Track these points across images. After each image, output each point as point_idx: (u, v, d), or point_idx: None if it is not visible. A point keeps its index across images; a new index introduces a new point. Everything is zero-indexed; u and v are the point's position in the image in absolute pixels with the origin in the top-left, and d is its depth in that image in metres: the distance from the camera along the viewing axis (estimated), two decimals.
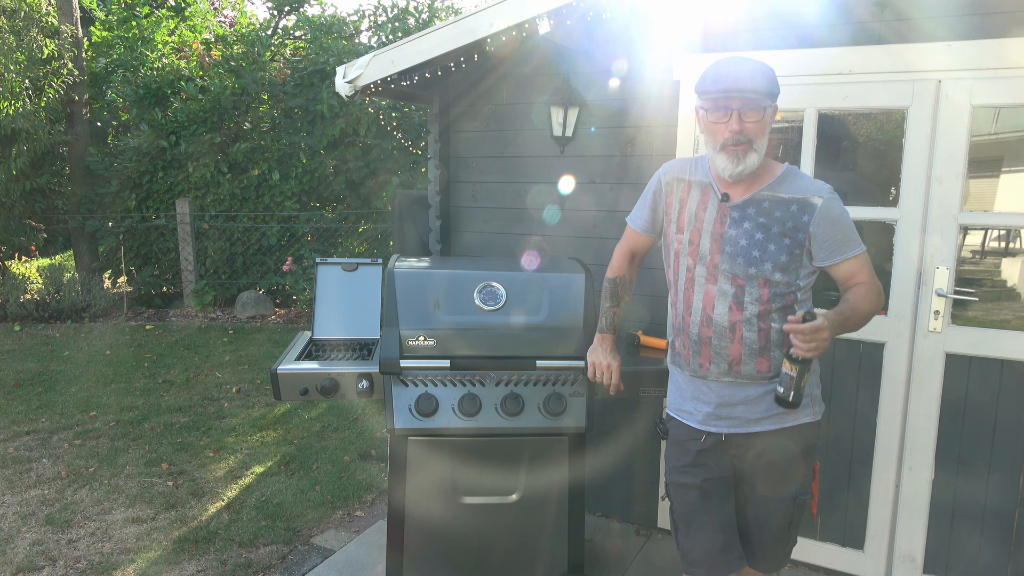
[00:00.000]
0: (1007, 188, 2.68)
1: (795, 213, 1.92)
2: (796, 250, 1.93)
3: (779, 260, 1.91)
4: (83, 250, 9.45)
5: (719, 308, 1.96)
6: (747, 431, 2.00)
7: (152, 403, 5.28)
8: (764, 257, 1.92)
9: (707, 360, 2.00)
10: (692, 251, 2.00)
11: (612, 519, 3.41)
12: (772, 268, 1.91)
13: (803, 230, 1.92)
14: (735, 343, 1.95)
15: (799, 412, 1.99)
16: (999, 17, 2.48)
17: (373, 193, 8.68)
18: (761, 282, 1.92)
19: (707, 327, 1.97)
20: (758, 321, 1.93)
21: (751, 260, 1.92)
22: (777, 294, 1.93)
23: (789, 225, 1.92)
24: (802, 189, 1.94)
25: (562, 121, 3.12)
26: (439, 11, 9.93)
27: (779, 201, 1.94)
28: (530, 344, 2.48)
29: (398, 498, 2.52)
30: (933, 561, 2.79)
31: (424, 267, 2.70)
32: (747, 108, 1.84)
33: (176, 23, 12.02)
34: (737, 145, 1.86)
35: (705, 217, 1.99)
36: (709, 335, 1.97)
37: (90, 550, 3.22)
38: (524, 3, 2.80)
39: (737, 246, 1.94)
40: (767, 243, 1.92)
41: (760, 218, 1.93)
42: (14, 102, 8.44)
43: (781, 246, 1.92)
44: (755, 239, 1.93)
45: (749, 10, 2.86)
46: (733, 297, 1.94)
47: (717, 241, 1.96)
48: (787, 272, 1.92)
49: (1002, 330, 2.60)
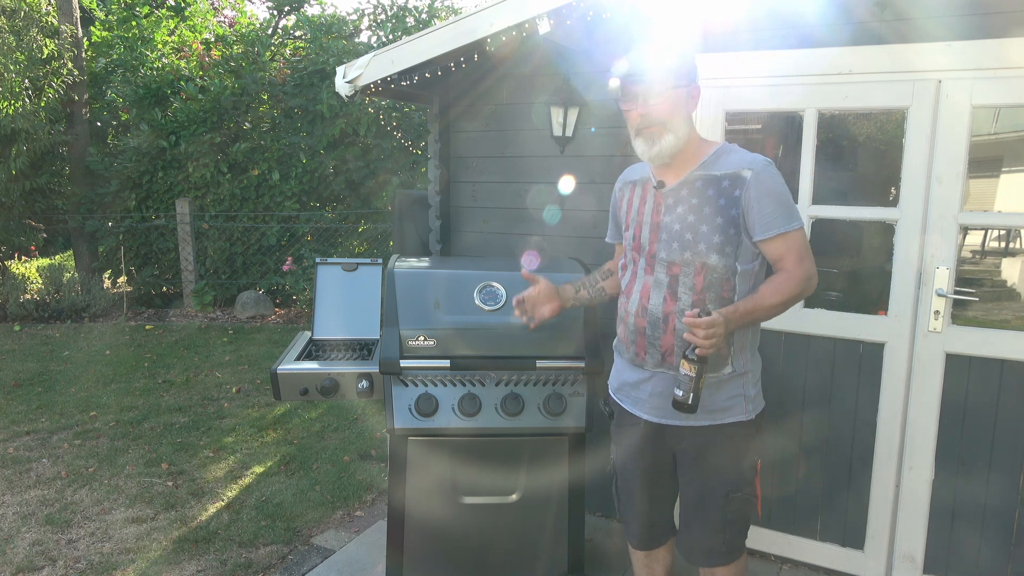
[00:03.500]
0: (1007, 188, 2.68)
1: (727, 189, 1.93)
2: (731, 229, 1.92)
3: (712, 241, 1.92)
4: (83, 250, 9.45)
5: (654, 299, 2.00)
6: (679, 424, 2.03)
7: (152, 403, 5.28)
8: (697, 239, 1.93)
9: (642, 350, 2.04)
10: (636, 245, 2.07)
11: (612, 519, 3.41)
12: (707, 249, 1.92)
13: (736, 206, 1.91)
14: (667, 334, 1.98)
15: (733, 411, 2.00)
16: (999, 17, 2.48)
17: (373, 193, 8.68)
18: (697, 267, 1.93)
19: (642, 317, 2.02)
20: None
21: (685, 243, 1.95)
22: (712, 281, 1.93)
23: (722, 202, 1.92)
24: (734, 164, 1.95)
25: (562, 121, 3.12)
26: (439, 11, 9.94)
27: (711, 179, 1.96)
28: (530, 344, 2.48)
29: (398, 498, 2.52)
30: (933, 561, 2.79)
31: (424, 267, 2.70)
32: (651, 91, 1.90)
33: (176, 23, 12.02)
34: (648, 127, 1.92)
35: (644, 210, 2.06)
36: (643, 325, 2.01)
37: (90, 550, 3.22)
38: (524, 3, 2.80)
39: (672, 231, 1.98)
40: (699, 224, 1.94)
41: (693, 199, 1.96)
42: (14, 102, 8.44)
43: (714, 226, 1.92)
44: (687, 222, 1.95)
45: (749, 10, 2.86)
46: (668, 287, 1.98)
47: (655, 231, 2.02)
48: (723, 255, 1.92)
49: (1002, 330, 2.60)
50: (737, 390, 2.00)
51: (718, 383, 1.98)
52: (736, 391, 2.00)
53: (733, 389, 2.00)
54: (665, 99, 1.91)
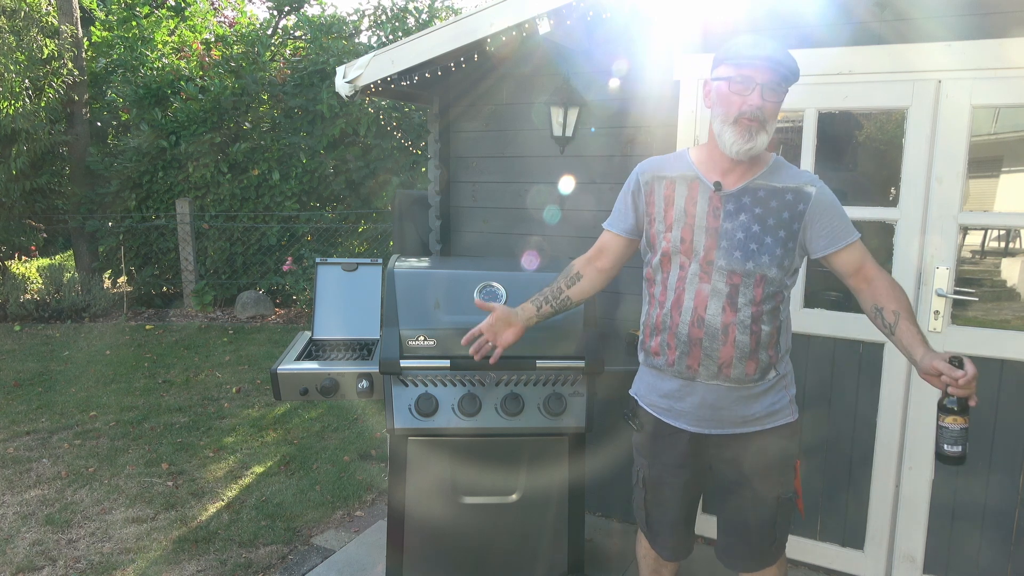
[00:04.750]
0: (1007, 188, 2.68)
1: (791, 202, 1.89)
2: (790, 243, 1.90)
3: (775, 253, 1.88)
4: (83, 250, 9.45)
5: (712, 308, 1.89)
6: (728, 432, 1.99)
7: (152, 403, 5.28)
8: (761, 250, 1.87)
9: (696, 362, 1.92)
10: (685, 248, 1.92)
11: (612, 519, 3.41)
12: (769, 261, 1.88)
13: (799, 220, 1.89)
14: (727, 345, 1.89)
15: (781, 414, 1.98)
16: (999, 17, 2.48)
17: (373, 193, 8.68)
18: (757, 279, 1.88)
19: (698, 328, 1.90)
20: (751, 323, 1.89)
21: (748, 254, 1.87)
22: (769, 294, 1.90)
23: (785, 216, 1.89)
24: (795, 178, 1.93)
25: (562, 121, 3.12)
26: (439, 11, 9.94)
27: (774, 190, 1.90)
28: (530, 344, 2.47)
29: (398, 498, 2.52)
30: (933, 561, 2.79)
31: (424, 267, 2.70)
32: (771, 85, 1.79)
33: (176, 23, 12.02)
34: (752, 120, 1.79)
35: (696, 212, 1.92)
36: (700, 336, 1.90)
37: (90, 550, 3.22)
38: (524, 3, 2.80)
39: (733, 239, 1.88)
40: (764, 235, 1.88)
41: (756, 208, 1.89)
42: (14, 102, 8.44)
43: (777, 239, 1.89)
44: (752, 232, 1.88)
45: (749, 10, 2.86)
46: (727, 297, 1.89)
47: (712, 236, 1.90)
48: (781, 268, 1.90)
49: (1002, 330, 2.60)
50: (781, 393, 1.99)
51: (765, 389, 1.95)
52: (781, 394, 1.99)
53: (778, 392, 1.98)
54: (780, 98, 1.83)
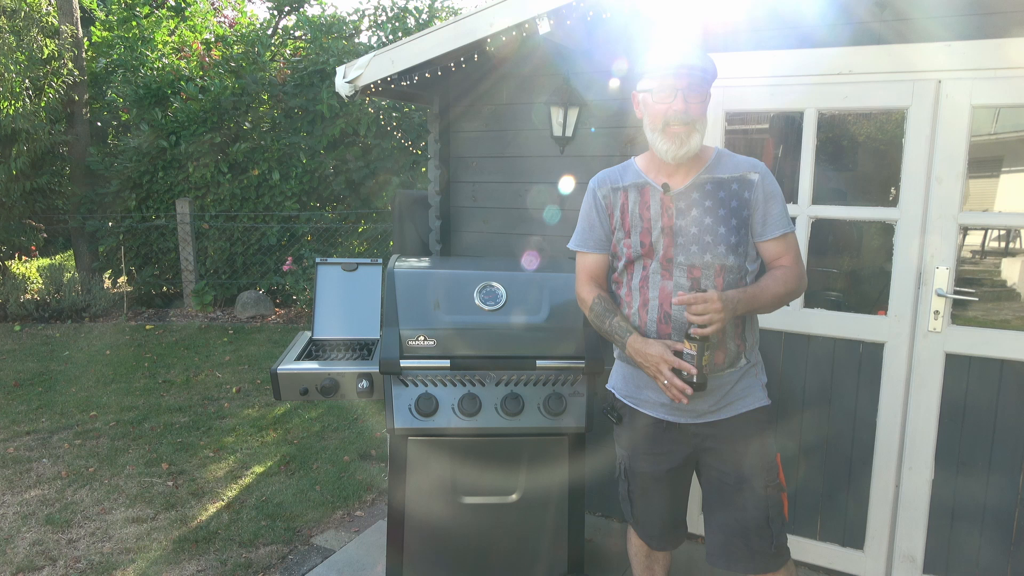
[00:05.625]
0: (1007, 188, 2.68)
1: (736, 191, 1.97)
2: (743, 229, 1.97)
3: (730, 241, 1.95)
4: (83, 250, 9.46)
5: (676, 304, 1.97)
6: (704, 420, 2.04)
7: (152, 403, 5.28)
8: (717, 240, 1.95)
9: None
10: (646, 251, 2.00)
11: (612, 519, 3.41)
12: (726, 250, 1.95)
13: (746, 207, 1.97)
14: None
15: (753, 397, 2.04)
16: (999, 17, 2.48)
17: (373, 193, 8.68)
18: (716, 269, 1.95)
19: (665, 324, 1.97)
20: None
21: (704, 246, 1.95)
22: (730, 283, 1.96)
23: (734, 204, 1.96)
24: (739, 167, 1.99)
25: (562, 121, 3.12)
26: (439, 11, 9.94)
27: (720, 182, 1.98)
28: (530, 344, 2.48)
29: (398, 498, 2.52)
30: (933, 561, 2.79)
31: (424, 267, 2.70)
32: (692, 88, 1.87)
33: (176, 23, 12.02)
34: (682, 125, 1.88)
35: (651, 215, 2.00)
36: (668, 332, 1.97)
37: (90, 550, 3.22)
38: (524, 3, 2.80)
39: (688, 235, 1.96)
40: (717, 226, 1.95)
41: (706, 201, 1.96)
42: (14, 102, 8.44)
43: (730, 227, 1.95)
44: (704, 224, 1.96)
45: (749, 10, 2.86)
46: (689, 291, 1.94)
47: (668, 235, 1.98)
48: (738, 254, 1.96)
49: (1002, 330, 2.60)
50: (753, 380, 2.07)
51: (739, 375, 2.03)
52: (752, 380, 2.07)
53: (749, 379, 2.06)
54: (703, 98, 1.90)
